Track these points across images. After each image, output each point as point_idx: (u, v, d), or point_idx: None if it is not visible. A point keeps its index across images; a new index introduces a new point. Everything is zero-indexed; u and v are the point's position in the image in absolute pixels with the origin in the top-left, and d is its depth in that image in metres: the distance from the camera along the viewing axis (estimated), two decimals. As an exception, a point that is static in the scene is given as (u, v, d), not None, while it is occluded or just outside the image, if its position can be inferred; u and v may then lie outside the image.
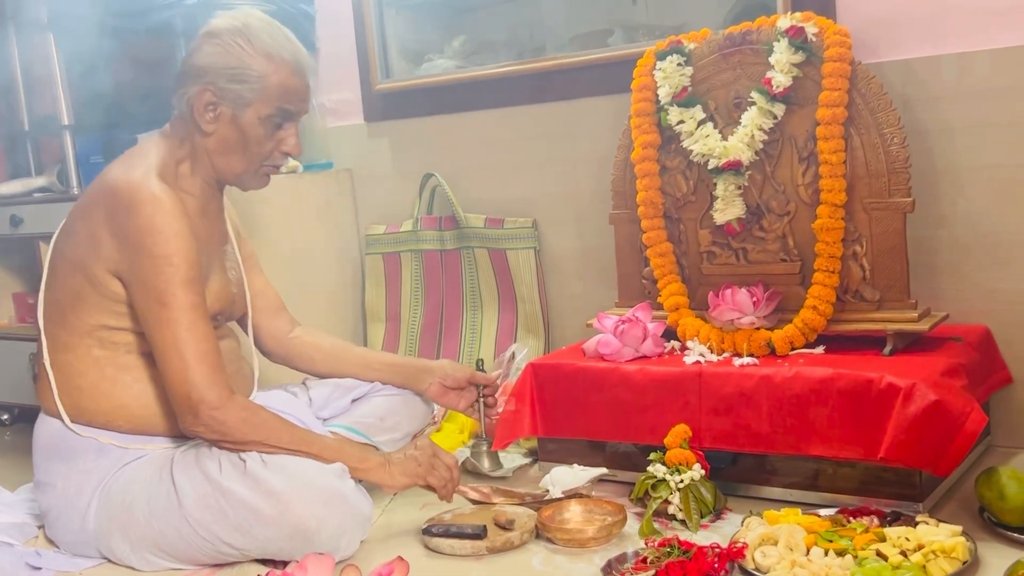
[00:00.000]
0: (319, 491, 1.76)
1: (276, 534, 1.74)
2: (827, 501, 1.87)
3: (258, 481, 1.75)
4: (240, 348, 2.08)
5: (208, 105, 1.86)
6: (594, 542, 1.83)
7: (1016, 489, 1.68)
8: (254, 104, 1.85)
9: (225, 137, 1.88)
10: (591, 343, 2.19)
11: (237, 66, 1.83)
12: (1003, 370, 2.09)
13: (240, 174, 1.94)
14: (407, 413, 2.18)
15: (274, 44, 1.85)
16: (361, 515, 1.82)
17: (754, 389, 1.92)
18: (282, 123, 1.90)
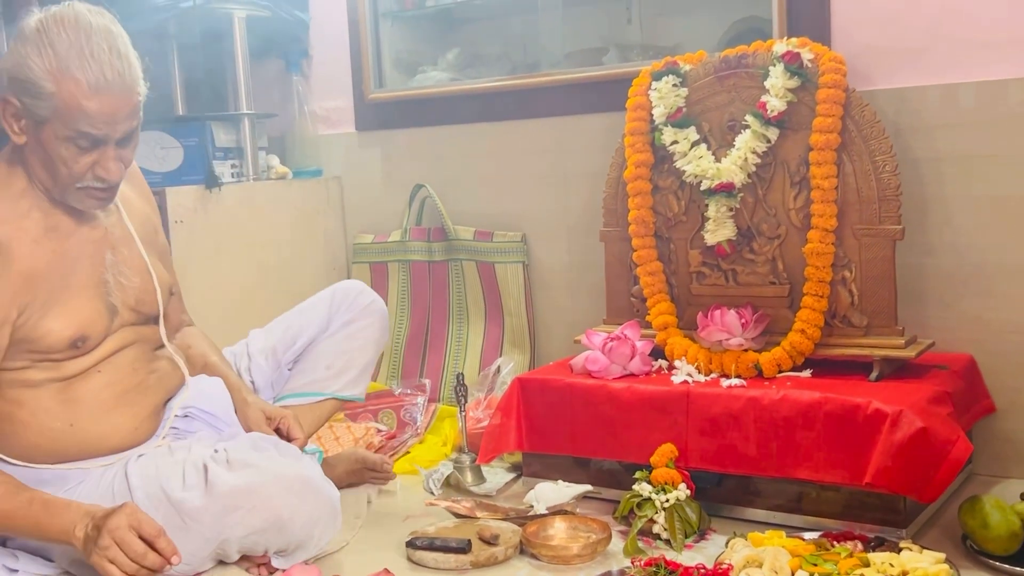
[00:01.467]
0: (289, 480, 1.74)
1: (249, 531, 1.70)
2: (811, 524, 1.88)
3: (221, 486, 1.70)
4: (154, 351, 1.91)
5: (12, 116, 1.68)
6: (578, 559, 1.82)
7: (999, 518, 1.69)
8: (51, 122, 1.65)
9: (34, 149, 1.70)
10: (579, 359, 2.19)
11: (26, 79, 1.63)
12: (987, 399, 2.11)
13: (55, 190, 1.74)
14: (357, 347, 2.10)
15: (68, 58, 1.62)
16: (331, 504, 1.79)
17: (741, 410, 1.92)
18: (90, 146, 1.67)
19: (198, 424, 1.92)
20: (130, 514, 1.60)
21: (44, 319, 1.73)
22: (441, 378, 2.78)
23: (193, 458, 1.76)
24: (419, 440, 2.54)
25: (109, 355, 1.82)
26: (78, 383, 1.79)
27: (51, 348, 1.75)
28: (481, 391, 2.58)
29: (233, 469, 1.73)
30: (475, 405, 2.51)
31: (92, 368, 1.80)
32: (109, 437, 1.81)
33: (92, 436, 1.80)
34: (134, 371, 1.86)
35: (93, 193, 1.74)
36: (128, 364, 1.85)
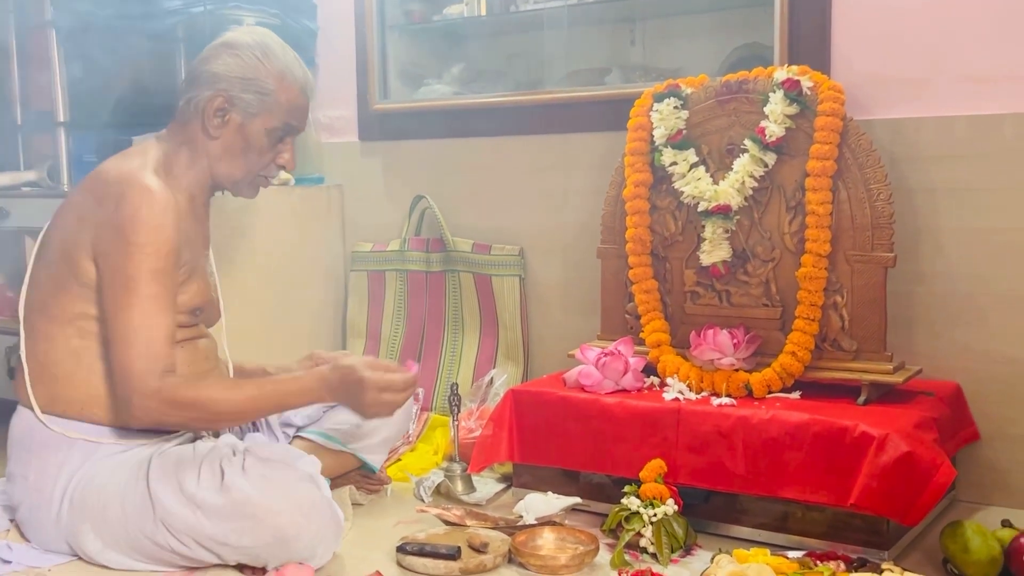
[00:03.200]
0: (298, 500, 1.78)
1: (254, 542, 1.75)
2: (795, 543, 1.91)
3: (236, 492, 1.76)
4: (217, 350, 2.10)
5: (218, 111, 1.93)
6: (566, 570, 1.85)
7: (980, 543, 1.73)
8: (262, 115, 1.94)
9: (230, 143, 1.95)
10: (572, 373, 2.22)
11: (253, 77, 1.92)
12: (971, 427, 2.14)
13: (238, 180, 2.00)
14: (385, 420, 2.18)
15: (287, 64, 1.95)
16: (337, 523, 1.84)
17: (731, 429, 1.95)
18: (283, 136, 1.99)
19: None
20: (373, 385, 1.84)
21: (188, 281, 1.93)
22: (434, 387, 2.80)
23: (211, 457, 1.82)
24: (410, 448, 2.56)
25: (195, 337, 2.00)
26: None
27: (181, 307, 1.92)
28: (474, 402, 2.60)
29: (248, 477, 1.78)
30: (467, 415, 2.54)
31: (180, 343, 1.93)
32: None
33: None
34: (206, 359, 2.02)
35: (264, 183, 2.05)
36: (203, 351, 2.02)
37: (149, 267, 1.81)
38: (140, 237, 1.81)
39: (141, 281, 1.81)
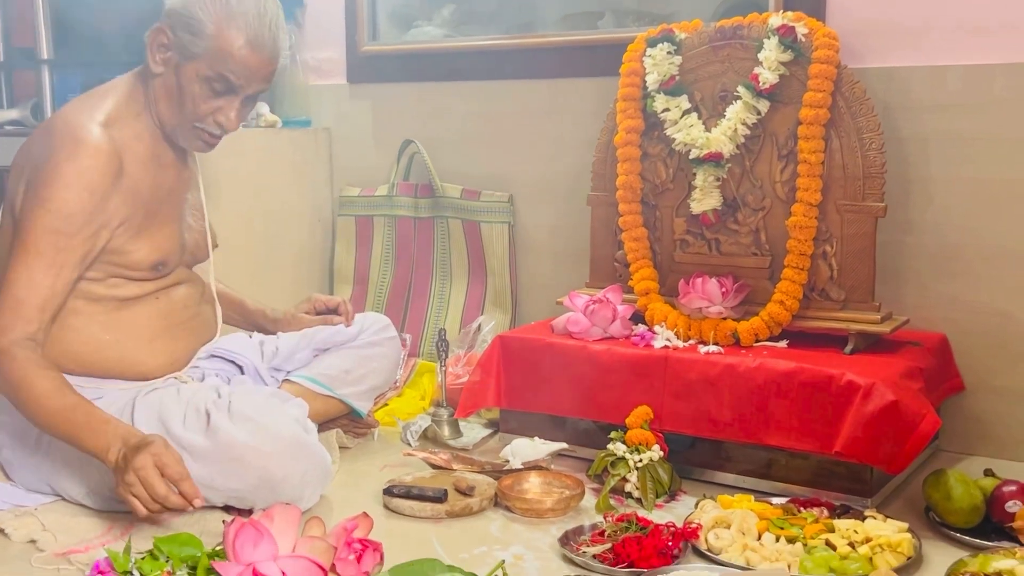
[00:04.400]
0: (285, 442, 1.77)
1: (241, 485, 1.75)
2: (779, 490, 1.93)
3: (223, 435, 1.75)
4: (202, 294, 2.07)
5: (160, 46, 1.85)
6: (552, 513, 1.86)
7: (962, 492, 1.74)
8: (197, 60, 1.83)
9: (167, 83, 1.87)
10: (560, 320, 2.22)
11: (191, 17, 1.82)
12: (956, 378, 2.15)
13: (174, 127, 1.91)
14: (375, 367, 2.20)
15: (237, 12, 1.82)
16: (324, 466, 1.85)
17: (718, 377, 1.96)
18: (223, 91, 1.86)
19: (218, 363, 2.03)
20: (156, 454, 1.61)
21: (136, 238, 1.87)
22: (422, 333, 2.80)
23: (196, 401, 1.81)
24: (397, 393, 2.56)
25: (168, 287, 1.97)
26: (135, 305, 1.91)
27: (134, 266, 1.88)
28: (461, 348, 2.60)
29: (234, 420, 1.77)
30: (454, 362, 2.54)
31: (151, 294, 1.93)
32: (145, 363, 1.92)
33: (131, 357, 1.90)
34: (184, 307, 2.00)
35: (204, 136, 1.91)
36: (181, 299, 1.99)
37: (45, 225, 1.75)
38: (47, 192, 1.75)
39: (33, 236, 1.75)
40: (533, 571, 1.64)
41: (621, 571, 1.61)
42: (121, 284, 1.89)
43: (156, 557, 1.52)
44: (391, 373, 2.30)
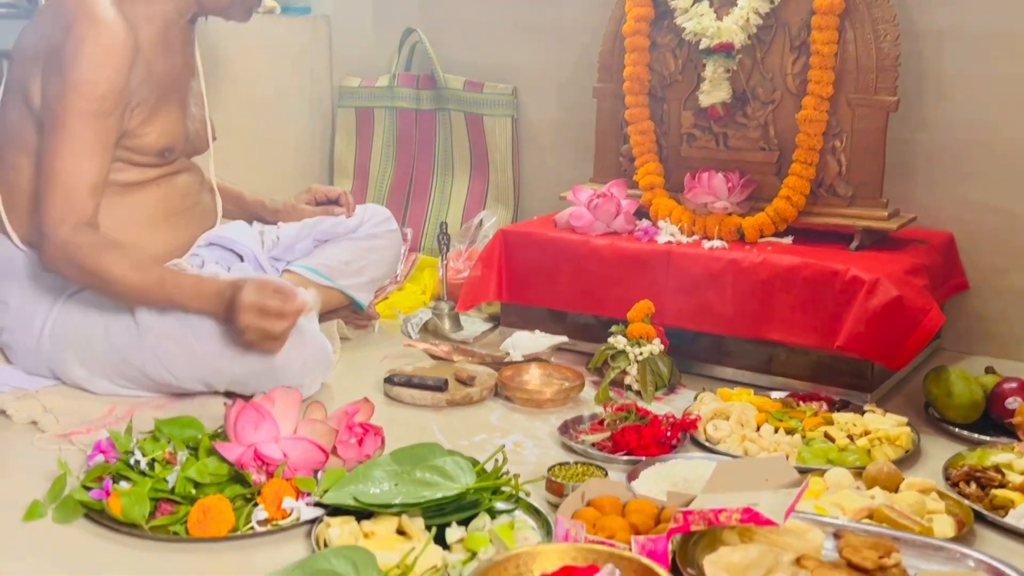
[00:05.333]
0: None
1: (242, 369, 1.75)
2: (779, 385, 1.93)
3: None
4: (201, 183, 2.05)
5: None
6: (551, 403, 1.87)
7: (963, 387, 1.74)
8: None
9: None
10: (563, 215, 2.19)
11: None
12: (961, 276, 2.14)
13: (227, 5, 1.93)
14: (375, 259, 2.19)
15: None
16: (325, 354, 1.85)
17: (721, 272, 1.95)
18: None
19: (218, 251, 2.01)
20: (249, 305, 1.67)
21: (148, 122, 1.85)
22: (423, 228, 2.78)
23: None
24: (398, 287, 2.55)
25: (169, 175, 1.94)
26: (137, 191, 1.89)
27: (142, 150, 1.86)
28: (462, 243, 2.58)
29: None
30: (456, 256, 2.52)
31: (153, 181, 1.91)
32: (145, 249, 1.89)
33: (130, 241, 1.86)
34: (185, 196, 1.98)
35: (254, 3, 1.96)
36: (182, 187, 1.97)
37: (81, 109, 1.72)
38: (76, 75, 1.72)
39: (71, 123, 1.73)
40: (532, 458, 1.65)
41: (620, 459, 1.61)
42: (125, 169, 1.86)
43: (157, 438, 1.53)
44: (392, 266, 2.29)
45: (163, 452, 1.47)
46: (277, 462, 1.44)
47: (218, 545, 1.35)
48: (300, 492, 1.42)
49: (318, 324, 1.90)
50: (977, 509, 1.42)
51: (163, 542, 1.35)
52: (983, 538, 1.38)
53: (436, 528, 1.34)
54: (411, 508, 1.36)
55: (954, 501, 1.44)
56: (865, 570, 1.22)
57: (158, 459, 1.45)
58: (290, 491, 1.41)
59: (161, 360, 1.77)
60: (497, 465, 1.44)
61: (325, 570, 1.19)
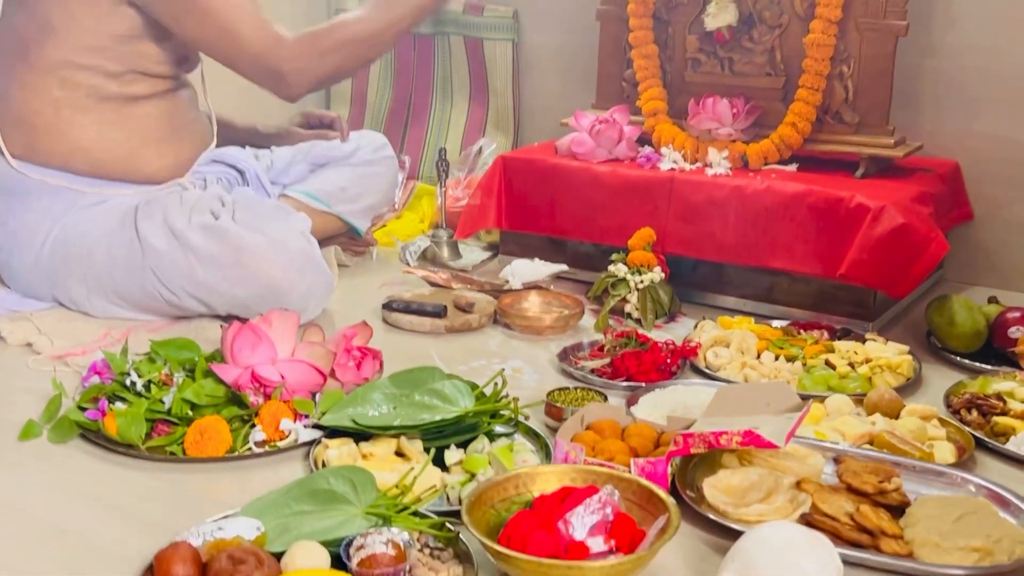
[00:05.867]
0: (291, 253, 1.75)
1: (245, 293, 1.73)
2: (780, 314, 1.91)
3: (229, 238, 1.73)
4: (196, 98, 2.02)
5: None
6: (551, 331, 1.85)
7: (966, 316, 1.73)
8: None
9: None
10: (564, 141, 2.16)
11: None
12: (966, 206, 2.12)
13: None
14: (371, 186, 2.16)
15: None
16: (327, 280, 1.83)
17: (724, 199, 1.92)
18: None
19: (220, 167, 2.00)
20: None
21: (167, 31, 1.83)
22: (421, 156, 2.74)
23: (201, 205, 1.79)
24: (396, 216, 2.52)
25: (175, 89, 1.93)
26: (144, 104, 1.87)
27: (163, 60, 1.86)
28: (461, 171, 2.55)
29: (241, 227, 1.75)
30: (454, 184, 2.49)
31: (160, 95, 1.88)
32: (151, 164, 1.89)
33: (138, 159, 1.87)
34: (187, 110, 1.96)
35: None
36: (185, 102, 1.95)
37: None
38: None
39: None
40: (531, 384, 1.64)
41: (619, 385, 1.61)
42: (136, 81, 1.84)
43: (153, 360, 1.52)
44: (388, 193, 2.26)
45: (159, 374, 1.45)
46: (274, 384, 1.42)
47: (215, 466, 1.34)
48: (298, 414, 1.41)
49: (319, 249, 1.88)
50: (978, 436, 1.42)
51: (159, 462, 1.34)
52: (984, 465, 1.38)
53: (435, 451, 1.34)
54: (410, 430, 1.36)
55: (955, 428, 1.43)
56: (865, 494, 1.21)
57: (154, 380, 1.44)
58: (288, 413, 1.40)
59: (161, 278, 1.75)
60: (496, 389, 1.43)
61: (324, 489, 1.18)
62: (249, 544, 1.08)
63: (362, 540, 1.07)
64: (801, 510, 1.18)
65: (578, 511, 1.09)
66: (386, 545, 1.06)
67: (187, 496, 1.27)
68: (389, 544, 1.06)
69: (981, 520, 1.16)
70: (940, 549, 1.12)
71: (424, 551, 1.12)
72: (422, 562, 1.10)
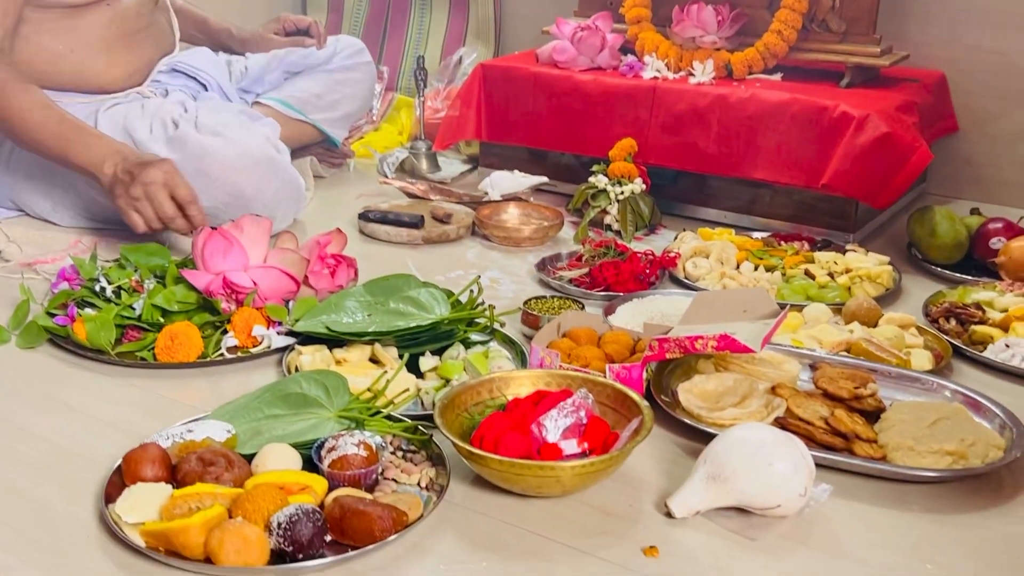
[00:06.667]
0: (255, 158, 1.71)
1: (210, 201, 1.69)
2: (761, 226, 1.90)
3: (191, 146, 1.69)
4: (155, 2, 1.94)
5: None
6: (529, 242, 1.83)
7: (947, 227, 1.71)
8: None
9: None
10: (546, 49, 2.11)
11: None
12: (951, 118, 2.09)
13: None
14: (348, 92, 2.12)
15: None
16: (297, 188, 1.80)
17: (707, 108, 1.88)
18: None
19: (182, 79, 1.92)
20: (168, 172, 1.57)
21: None
22: (400, 66, 2.68)
23: (162, 113, 1.74)
24: (374, 128, 2.48)
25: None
26: (86, 13, 1.78)
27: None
28: (441, 82, 2.50)
29: (202, 133, 1.70)
30: (434, 95, 2.44)
31: (101, 1, 1.79)
32: (102, 75, 1.82)
33: (87, 69, 1.80)
34: (138, 16, 1.87)
35: None
36: (133, 7, 1.85)
37: None
38: None
39: None
40: (509, 294, 1.63)
41: (597, 295, 1.59)
42: None
43: (123, 266, 1.49)
44: (366, 100, 2.21)
45: (130, 280, 1.43)
46: (247, 290, 1.40)
47: (186, 372, 1.32)
48: (271, 321, 1.39)
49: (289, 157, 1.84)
50: (956, 344, 1.41)
51: (129, 368, 1.33)
52: (960, 372, 1.38)
53: (409, 357, 1.32)
54: (384, 337, 1.34)
55: (933, 336, 1.43)
56: (840, 399, 1.21)
57: (124, 287, 1.42)
58: (260, 320, 1.38)
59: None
60: (472, 296, 1.41)
61: (296, 393, 1.17)
62: (219, 446, 1.07)
63: (334, 442, 1.06)
64: (775, 414, 1.17)
65: (552, 414, 1.09)
66: (358, 447, 1.05)
67: (158, 401, 1.25)
68: (361, 446, 1.05)
69: (955, 425, 1.16)
70: (914, 452, 1.12)
71: (397, 454, 1.11)
72: (395, 464, 1.09)
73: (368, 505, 0.97)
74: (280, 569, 0.93)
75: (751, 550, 0.99)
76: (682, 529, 1.02)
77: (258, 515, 0.95)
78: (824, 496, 1.06)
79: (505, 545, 0.99)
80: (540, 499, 1.06)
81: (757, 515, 1.03)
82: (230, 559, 0.91)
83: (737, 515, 1.04)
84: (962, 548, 1.00)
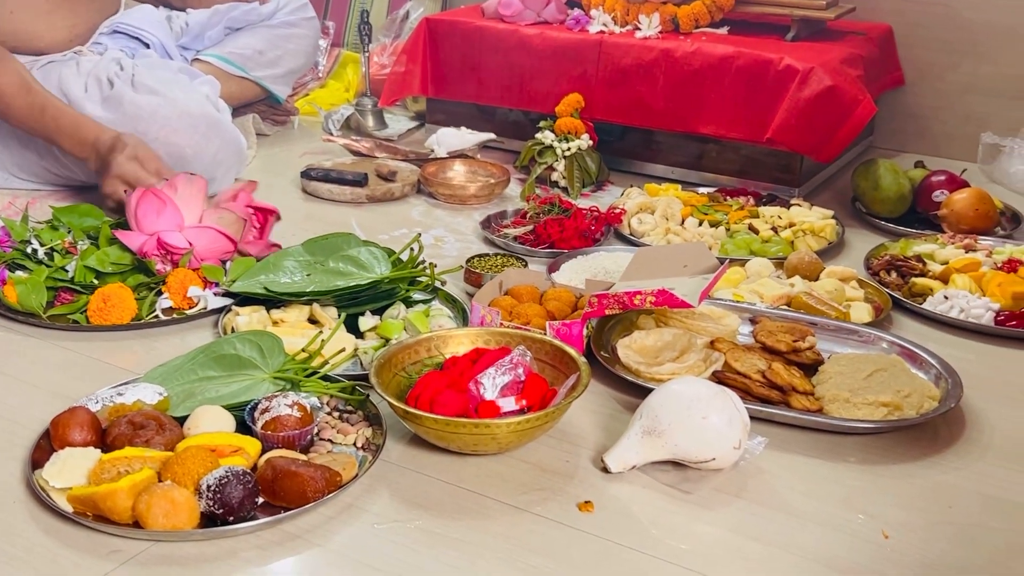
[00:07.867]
0: (194, 117, 1.68)
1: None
2: (708, 181, 1.89)
3: (127, 105, 1.66)
4: None
5: None
6: (475, 199, 1.82)
7: (891, 180, 1.72)
8: None
9: None
10: (492, 3, 2.08)
11: None
12: (897, 71, 2.09)
13: None
14: (291, 48, 2.08)
15: None
16: (238, 147, 1.77)
17: (653, 62, 1.87)
18: None
19: (123, 40, 1.88)
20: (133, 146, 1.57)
21: None
22: (346, 21, 2.63)
23: (98, 71, 1.71)
24: (320, 85, 2.44)
25: None
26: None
27: None
28: (387, 37, 2.45)
29: (138, 92, 1.66)
30: (380, 51, 2.40)
31: None
32: (43, 36, 1.78)
33: (27, 30, 1.76)
34: None
35: None
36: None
37: None
38: None
39: None
40: (453, 252, 1.61)
41: (541, 251, 1.58)
42: None
43: (56, 227, 1.46)
44: (310, 57, 2.17)
45: (62, 241, 1.40)
46: (182, 251, 1.38)
47: (120, 334, 1.30)
48: (207, 282, 1.37)
49: (230, 116, 1.80)
50: (895, 296, 1.42)
51: (61, 331, 1.30)
52: (900, 324, 1.39)
53: (348, 317, 1.31)
54: (323, 297, 1.32)
55: (873, 289, 1.43)
56: (779, 352, 1.21)
57: (57, 248, 1.39)
58: (196, 280, 1.36)
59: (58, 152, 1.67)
60: (413, 255, 1.40)
61: (230, 355, 1.15)
62: (150, 409, 1.05)
63: (267, 403, 1.05)
64: (714, 368, 1.17)
65: (489, 372, 1.08)
66: (291, 408, 1.04)
67: (90, 364, 1.23)
68: (295, 407, 1.04)
69: (892, 376, 1.17)
70: (849, 404, 1.12)
71: (333, 414, 1.10)
72: (331, 424, 1.08)
73: (300, 466, 0.96)
74: (209, 532, 0.92)
75: (686, 503, 0.99)
76: (618, 484, 1.02)
77: (188, 478, 0.94)
78: (759, 449, 1.07)
79: (440, 503, 0.99)
80: (477, 457, 1.06)
81: (692, 468, 1.04)
82: (158, 522, 0.90)
83: (673, 469, 1.04)
84: (894, 498, 1.01)
